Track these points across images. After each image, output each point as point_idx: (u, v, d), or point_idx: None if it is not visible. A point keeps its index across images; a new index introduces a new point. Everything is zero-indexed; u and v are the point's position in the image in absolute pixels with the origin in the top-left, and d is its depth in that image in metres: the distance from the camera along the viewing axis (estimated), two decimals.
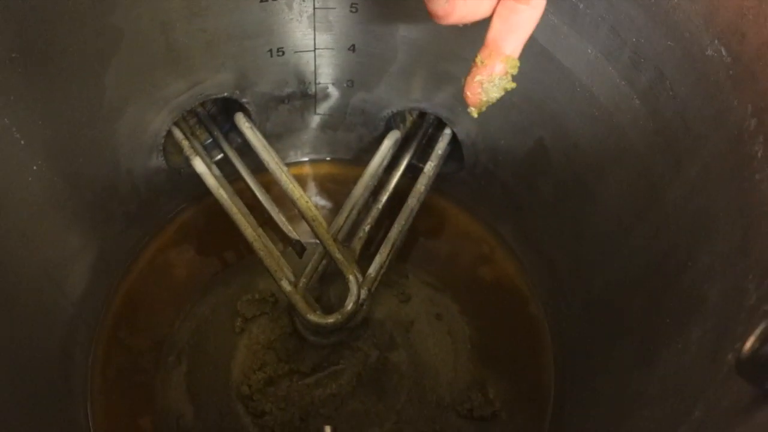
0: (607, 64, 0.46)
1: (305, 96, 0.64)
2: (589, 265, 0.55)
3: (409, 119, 0.68)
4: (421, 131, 0.67)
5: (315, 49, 0.58)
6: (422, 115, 0.67)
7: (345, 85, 0.63)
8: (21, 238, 0.49)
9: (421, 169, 0.63)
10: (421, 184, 0.62)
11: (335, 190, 0.71)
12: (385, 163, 0.64)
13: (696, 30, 0.39)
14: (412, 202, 0.61)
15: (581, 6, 0.45)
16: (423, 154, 0.67)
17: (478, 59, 0.39)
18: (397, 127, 0.66)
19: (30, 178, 0.48)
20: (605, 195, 0.51)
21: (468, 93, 0.40)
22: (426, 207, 0.64)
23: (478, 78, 0.39)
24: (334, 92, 0.64)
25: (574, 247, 0.58)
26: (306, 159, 0.72)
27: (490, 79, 0.39)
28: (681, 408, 0.35)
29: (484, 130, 0.61)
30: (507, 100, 0.55)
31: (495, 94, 0.40)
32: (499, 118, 0.58)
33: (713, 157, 0.39)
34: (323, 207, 0.70)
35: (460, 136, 0.63)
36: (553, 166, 0.57)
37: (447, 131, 0.64)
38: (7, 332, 0.48)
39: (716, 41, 0.37)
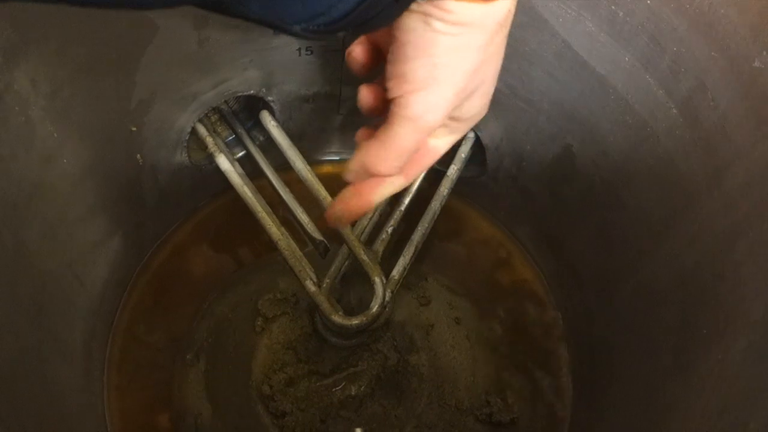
0: (644, 72, 0.46)
1: (330, 96, 0.63)
2: (615, 272, 0.55)
3: None
4: None
5: (343, 48, 0.58)
6: None
7: None
8: (48, 231, 0.48)
9: (443, 172, 0.63)
10: (444, 187, 0.62)
11: None
12: None
13: (743, 41, 0.39)
14: (435, 205, 0.61)
15: (621, 14, 0.45)
16: (445, 157, 0.66)
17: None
18: None
19: (59, 172, 0.48)
20: (635, 203, 0.51)
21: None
22: (445, 210, 0.63)
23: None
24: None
25: (598, 255, 0.58)
26: (326, 159, 0.72)
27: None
28: (729, 420, 0.35)
29: (509, 134, 0.61)
30: (535, 105, 0.56)
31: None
32: (525, 124, 0.58)
33: (756, 169, 0.39)
34: None
35: (484, 140, 0.63)
36: (579, 173, 0.56)
37: (470, 134, 0.63)
38: (34, 324, 0.47)
39: (765, 53, 0.37)
